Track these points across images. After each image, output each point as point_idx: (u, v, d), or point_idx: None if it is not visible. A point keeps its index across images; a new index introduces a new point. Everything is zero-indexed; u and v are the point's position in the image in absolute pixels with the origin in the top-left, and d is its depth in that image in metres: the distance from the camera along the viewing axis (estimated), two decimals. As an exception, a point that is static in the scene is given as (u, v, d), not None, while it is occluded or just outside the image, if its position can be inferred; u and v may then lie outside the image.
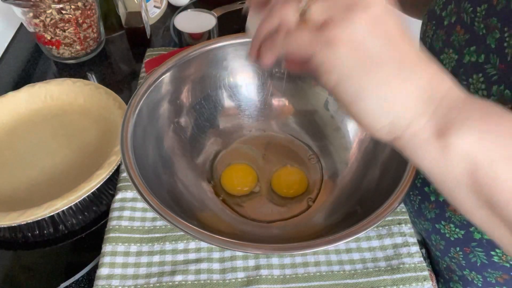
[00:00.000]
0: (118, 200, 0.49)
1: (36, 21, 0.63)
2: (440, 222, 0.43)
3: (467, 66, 0.37)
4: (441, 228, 0.44)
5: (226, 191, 0.51)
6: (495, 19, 0.34)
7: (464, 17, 0.38)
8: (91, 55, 0.71)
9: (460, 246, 0.42)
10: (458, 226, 0.42)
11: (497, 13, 0.34)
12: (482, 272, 0.42)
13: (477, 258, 0.41)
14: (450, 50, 0.40)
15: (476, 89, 0.36)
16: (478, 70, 0.36)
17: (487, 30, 0.35)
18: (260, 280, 0.43)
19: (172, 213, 0.38)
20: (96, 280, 0.43)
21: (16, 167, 0.54)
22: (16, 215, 0.46)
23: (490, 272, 0.41)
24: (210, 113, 0.55)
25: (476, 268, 0.42)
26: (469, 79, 0.37)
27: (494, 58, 0.34)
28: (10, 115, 0.59)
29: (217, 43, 0.52)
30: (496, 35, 0.34)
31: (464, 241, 0.41)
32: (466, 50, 0.38)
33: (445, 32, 0.41)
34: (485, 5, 0.35)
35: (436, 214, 0.44)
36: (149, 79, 0.48)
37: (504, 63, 0.33)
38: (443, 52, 0.41)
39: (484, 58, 0.35)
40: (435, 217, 0.44)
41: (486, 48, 0.35)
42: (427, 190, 0.45)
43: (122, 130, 0.44)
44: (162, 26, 0.79)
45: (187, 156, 0.52)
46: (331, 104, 0.54)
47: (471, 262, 0.42)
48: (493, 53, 0.34)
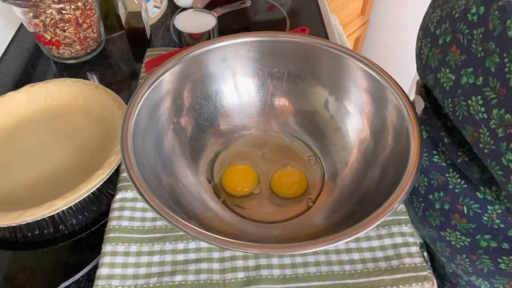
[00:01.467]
0: (118, 200, 0.49)
1: (36, 21, 0.63)
2: (446, 229, 0.43)
3: (465, 87, 0.37)
4: (446, 236, 0.43)
5: (226, 192, 0.51)
6: (493, 44, 0.33)
7: (460, 37, 0.37)
8: (91, 55, 0.71)
9: (466, 253, 0.42)
10: (464, 234, 0.41)
11: (494, 38, 0.33)
12: (489, 278, 0.42)
13: (484, 265, 0.41)
14: (447, 70, 0.39)
15: (475, 111, 0.36)
16: (477, 92, 0.36)
17: (486, 53, 0.34)
18: (260, 280, 0.43)
19: (172, 213, 0.38)
20: (96, 280, 0.43)
21: (16, 167, 0.54)
22: (16, 215, 0.46)
23: (497, 279, 0.41)
24: (210, 113, 0.55)
25: (483, 275, 0.42)
26: (468, 100, 0.37)
27: (493, 82, 0.34)
28: (10, 115, 0.59)
29: (217, 43, 0.52)
30: (496, 59, 0.33)
31: (470, 248, 0.41)
32: (463, 72, 0.37)
33: (440, 51, 0.40)
34: (482, 28, 0.35)
35: (441, 222, 0.44)
36: (149, 79, 0.48)
37: (506, 88, 0.33)
38: (439, 71, 0.41)
39: (483, 81, 0.35)
40: (440, 224, 0.44)
41: (484, 71, 0.35)
42: (432, 198, 0.45)
43: (122, 130, 0.44)
44: (162, 26, 0.79)
45: (187, 156, 0.52)
46: (331, 104, 0.55)
47: (478, 269, 0.42)
48: (493, 76, 0.34)
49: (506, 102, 0.33)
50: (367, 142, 0.51)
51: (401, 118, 0.45)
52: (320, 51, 0.53)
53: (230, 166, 0.53)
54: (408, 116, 0.44)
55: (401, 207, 0.49)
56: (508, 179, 0.35)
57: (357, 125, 0.52)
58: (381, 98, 0.49)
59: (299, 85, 0.56)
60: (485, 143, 0.36)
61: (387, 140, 0.48)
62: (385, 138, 0.48)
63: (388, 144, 0.48)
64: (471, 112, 0.36)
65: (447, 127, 0.45)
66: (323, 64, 0.54)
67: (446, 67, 0.39)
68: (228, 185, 0.51)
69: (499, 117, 0.34)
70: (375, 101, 0.50)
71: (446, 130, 0.45)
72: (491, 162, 0.36)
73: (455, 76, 0.38)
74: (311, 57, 0.54)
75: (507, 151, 0.34)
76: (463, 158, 0.43)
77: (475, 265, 0.42)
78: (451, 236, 0.43)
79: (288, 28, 0.78)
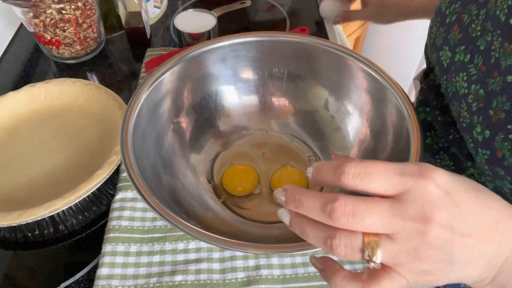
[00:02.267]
0: (118, 200, 0.49)
1: (36, 21, 0.63)
2: None
3: (457, 64, 0.39)
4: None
5: (226, 191, 0.51)
6: (489, 23, 0.35)
7: (464, 17, 0.39)
8: (91, 55, 0.71)
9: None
10: None
11: (490, 18, 0.35)
12: None
13: None
14: (447, 48, 0.41)
15: (460, 86, 0.38)
16: (463, 69, 0.38)
17: (482, 32, 0.36)
18: (260, 280, 0.43)
19: (172, 213, 0.38)
20: (96, 280, 0.43)
21: (16, 167, 0.54)
22: (16, 215, 0.46)
23: None
24: (210, 113, 0.55)
25: None
26: (457, 77, 0.39)
27: (478, 59, 0.36)
28: (10, 115, 0.59)
29: (217, 43, 0.52)
30: (488, 38, 0.35)
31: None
32: (457, 49, 0.39)
33: (445, 30, 0.42)
34: (484, 9, 0.37)
35: None
36: (149, 79, 0.48)
37: (486, 65, 0.35)
38: (442, 49, 0.43)
39: (469, 58, 0.37)
40: None
41: (473, 49, 0.37)
42: None
43: (122, 130, 0.44)
44: (162, 26, 0.79)
45: (187, 156, 0.52)
46: (331, 104, 0.55)
47: None
48: (479, 54, 0.36)
49: (482, 78, 0.35)
50: (367, 142, 0.51)
51: (401, 118, 0.45)
52: (320, 51, 0.53)
53: (231, 166, 0.53)
54: (408, 116, 0.44)
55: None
56: (477, 151, 0.37)
57: (357, 125, 0.52)
58: (381, 98, 0.49)
59: (299, 85, 0.56)
60: (463, 118, 0.39)
61: (387, 140, 0.48)
62: (385, 138, 0.48)
63: (388, 144, 0.48)
64: (457, 87, 0.39)
65: (442, 106, 0.48)
66: (323, 64, 0.54)
67: (447, 45, 0.41)
68: (229, 185, 0.51)
69: (475, 92, 0.36)
70: (375, 101, 0.50)
71: (440, 109, 0.48)
72: (467, 136, 0.38)
73: (451, 53, 0.40)
74: (311, 57, 0.54)
75: (477, 124, 0.36)
76: (454, 135, 0.45)
77: None
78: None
79: (288, 28, 0.78)
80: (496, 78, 0.34)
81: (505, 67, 0.33)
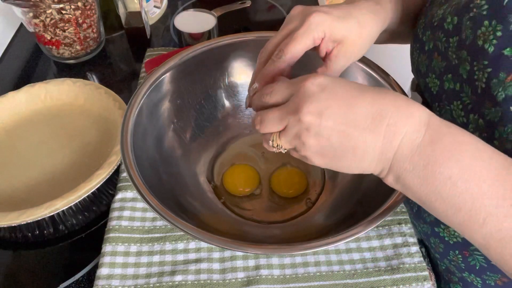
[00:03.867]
0: (118, 200, 0.49)
1: (36, 21, 0.63)
2: (439, 225, 0.43)
3: (448, 92, 0.39)
4: (440, 232, 0.44)
5: (227, 191, 0.51)
6: (465, 52, 0.35)
7: (439, 45, 0.39)
8: (91, 55, 0.71)
9: (459, 249, 0.42)
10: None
11: (466, 46, 0.35)
12: (481, 275, 0.42)
13: (476, 261, 0.41)
14: (433, 75, 0.41)
15: (457, 115, 0.38)
16: (457, 98, 0.37)
17: (459, 61, 0.36)
18: (260, 280, 0.43)
19: (172, 213, 0.38)
20: (96, 280, 0.43)
21: (16, 167, 0.54)
22: (16, 215, 0.46)
23: (489, 275, 0.41)
24: (210, 113, 0.55)
25: (475, 271, 0.42)
26: (451, 105, 0.38)
27: (467, 88, 0.36)
28: (10, 115, 0.59)
29: (217, 43, 0.52)
30: (467, 67, 0.35)
31: (463, 244, 0.42)
32: (445, 77, 0.39)
33: (427, 57, 0.42)
34: (456, 37, 0.36)
35: (435, 218, 0.44)
36: (149, 79, 0.48)
37: (475, 95, 0.35)
38: (427, 76, 0.42)
39: (459, 87, 0.37)
40: (434, 220, 0.44)
41: (459, 78, 0.37)
42: None
43: (122, 130, 0.44)
44: (162, 26, 0.79)
45: (187, 156, 0.52)
46: (331, 104, 0.54)
47: (470, 265, 0.42)
48: (465, 83, 0.36)
49: (477, 108, 0.35)
50: (367, 142, 0.51)
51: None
52: (320, 51, 0.53)
53: (232, 166, 0.53)
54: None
55: (401, 207, 0.49)
56: None
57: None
58: (381, 98, 0.49)
59: (299, 85, 0.56)
60: None
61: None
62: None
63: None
64: (454, 116, 0.38)
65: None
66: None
67: (432, 73, 0.41)
68: (230, 185, 0.51)
69: (475, 121, 0.35)
70: (375, 101, 0.50)
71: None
72: None
73: (439, 81, 0.40)
74: (311, 57, 0.54)
75: None
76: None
77: (467, 261, 0.42)
78: (444, 232, 0.43)
79: (288, 28, 0.78)
80: (491, 109, 0.33)
81: (503, 98, 0.32)
